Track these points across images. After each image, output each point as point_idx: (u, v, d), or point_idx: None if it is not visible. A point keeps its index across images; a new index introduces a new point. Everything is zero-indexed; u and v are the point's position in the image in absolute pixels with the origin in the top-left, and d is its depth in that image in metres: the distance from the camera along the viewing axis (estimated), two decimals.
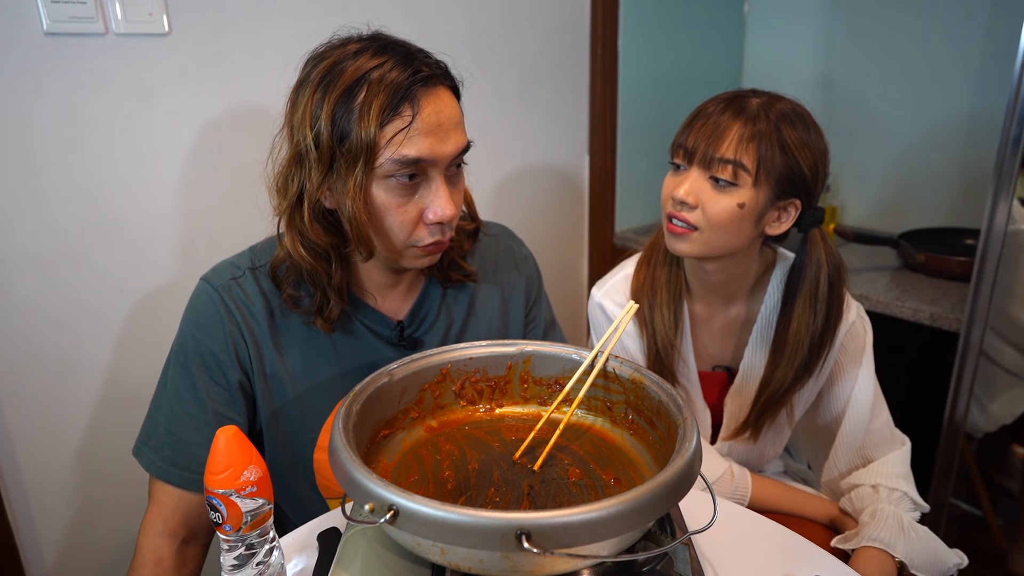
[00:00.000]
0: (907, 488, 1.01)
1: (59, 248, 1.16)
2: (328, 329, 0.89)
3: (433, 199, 0.81)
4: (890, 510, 0.97)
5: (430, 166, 0.80)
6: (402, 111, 0.77)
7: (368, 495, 0.55)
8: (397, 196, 0.80)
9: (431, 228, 0.83)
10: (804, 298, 1.00)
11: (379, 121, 0.76)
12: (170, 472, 0.86)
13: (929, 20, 1.83)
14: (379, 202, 0.80)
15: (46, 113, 1.10)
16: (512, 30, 1.67)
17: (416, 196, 0.81)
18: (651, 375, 0.73)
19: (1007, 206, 1.23)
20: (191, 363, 0.87)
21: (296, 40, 1.30)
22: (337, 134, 0.78)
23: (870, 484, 1.02)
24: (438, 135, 0.80)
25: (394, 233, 0.83)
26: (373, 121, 0.76)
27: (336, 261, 0.86)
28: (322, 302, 0.88)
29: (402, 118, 0.77)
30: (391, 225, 0.82)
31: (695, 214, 0.95)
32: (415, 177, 0.80)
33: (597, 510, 0.52)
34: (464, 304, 1.01)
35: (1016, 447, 1.58)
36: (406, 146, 0.77)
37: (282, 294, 0.89)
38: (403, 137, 0.77)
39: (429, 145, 0.79)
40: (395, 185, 0.80)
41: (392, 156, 0.77)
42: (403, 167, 0.78)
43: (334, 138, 0.78)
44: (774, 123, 0.91)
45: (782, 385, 1.03)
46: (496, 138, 1.72)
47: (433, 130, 0.79)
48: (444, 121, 0.80)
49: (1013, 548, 1.57)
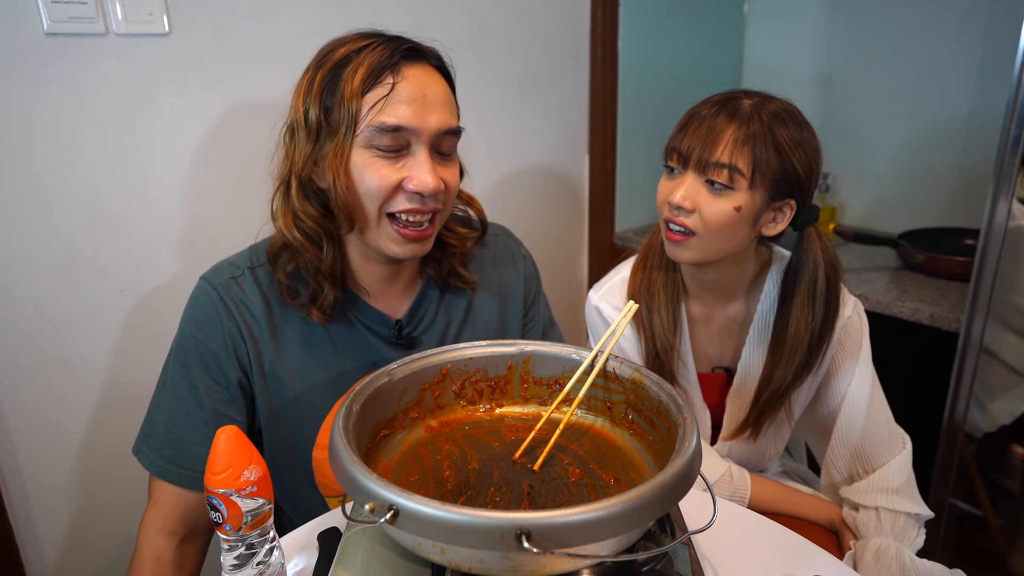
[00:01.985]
0: (909, 505, 0.99)
1: (59, 248, 1.16)
2: (323, 319, 0.89)
3: (414, 168, 0.82)
4: (893, 551, 0.95)
5: (413, 137, 0.81)
6: (383, 79, 0.80)
7: (368, 495, 0.55)
8: (377, 163, 0.81)
9: (408, 195, 0.83)
10: (802, 296, 1.00)
11: (361, 89, 0.79)
12: (169, 471, 0.86)
13: (928, 20, 1.83)
14: (358, 167, 0.81)
15: (46, 113, 1.10)
16: (512, 30, 1.67)
17: (398, 165, 0.82)
18: (651, 375, 0.73)
19: (1007, 206, 1.23)
20: (190, 362, 0.87)
21: (296, 40, 1.31)
22: (324, 106, 0.81)
23: (872, 506, 1.00)
24: (420, 106, 0.81)
25: (369, 198, 0.82)
26: (355, 90, 0.79)
27: (328, 244, 0.87)
28: (315, 290, 0.88)
29: (383, 86, 0.80)
30: (367, 190, 0.82)
31: (692, 218, 0.95)
32: (398, 150, 0.81)
33: (597, 510, 0.52)
34: (462, 304, 1.01)
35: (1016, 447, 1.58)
36: (386, 112, 0.79)
37: (278, 284, 0.89)
38: (383, 104, 0.79)
39: (411, 114, 0.80)
40: (376, 154, 0.81)
41: (371, 122, 0.79)
42: (383, 134, 0.80)
43: (321, 110, 0.81)
44: (767, 124, 0.91)
45: (782, 384, 1.03)
46: (496, 138, 1.72)
47: (415, 100, 0.80)
48: (428, 94, 0.82)
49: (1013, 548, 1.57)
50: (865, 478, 1.03)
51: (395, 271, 0.94)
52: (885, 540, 0.97)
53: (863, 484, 1.02)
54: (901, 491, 1.00)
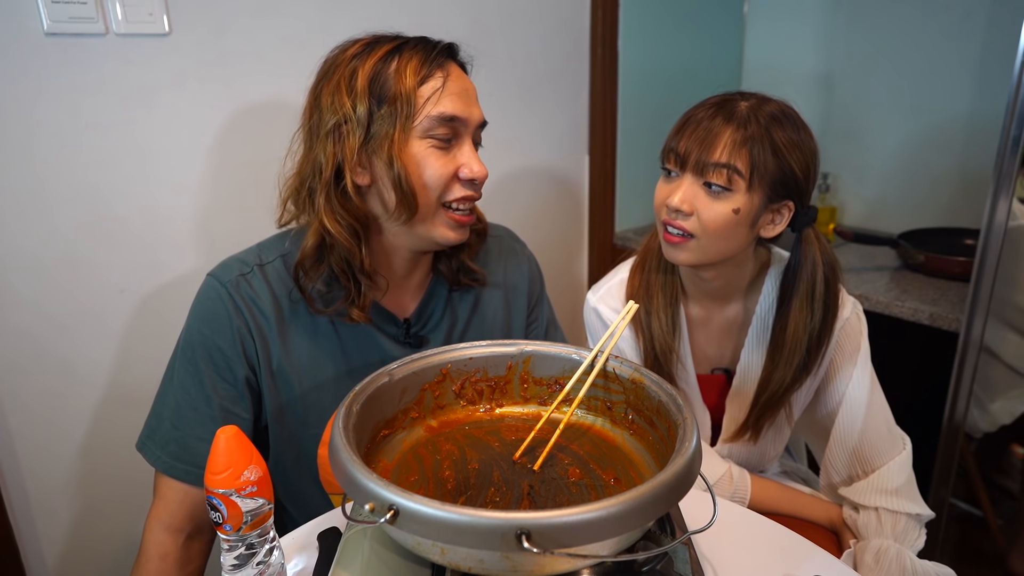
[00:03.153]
0: (909, 506, 0.99)
1: (59, 248, 1.16)
2: (365, 318, 0.90)
3: (466, 158, 0.86)
4: (894, 553, 0.95)
5: (462, 127, 0.86)
6: (435, 73, 0.84)
7: (368, 495, 0.55)
8: (435, 153, 0.85)
9: (464, 183, 0.87)
10: (801, 298, 1.00)
11: (417, 80, 0.82)
12: (175, 467, 0.86)
13: (928, 20, 1.83)
14: (419, 158, 0.84)
15: (46, 113, 1.10)
16: (512, 30, 1.67)
17: (450, 156, 0.86)
18: (651, 375, 0.73)
19: (1007, 206, 1.23)
20: (198, 358, 0.87)
21: (296, 40, 1.31)
22: (376, 98, 0.82)
23: (872, 507, 1.00)
24: (466, 99, 0.86)
25: (431, 188, 0.85)
26: (411, 80, 0.82)
27: (365, 242, 0.88)
28: (352, 290, 0.89)
29: (436, 79, 0.84)
30: (429, 179, 0.85)
31: (690, 221, 0.94)
32: (448, 139, 0.85)
33: (597, 510, 0.52)
34: (469, 304, 1.02)
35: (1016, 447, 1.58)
36: (443, 104, 0.83)
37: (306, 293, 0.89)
38: (439, 96, 0.83)
39: (462, 106, 0.85)
40: (432, 143, 0.84)
41: (430, 113, 0.83)
42: (440, 124, 0.83)
43: (372, 102, 0.82)
44: (764, 126, 0.91)
45: (781, 385, 1.03)
46: (496, 138, 1.71)
47: (461, 94, 0.85)
48: (469, 89, 0.88)
49: (1013, 548, 1.57)
50: (865, 479, 1.03)
51: (412, 268, 0.96)
52: (886, 541, 0.97)
53: (863, 484, 1.02)
54: (901, 491, 1.00)
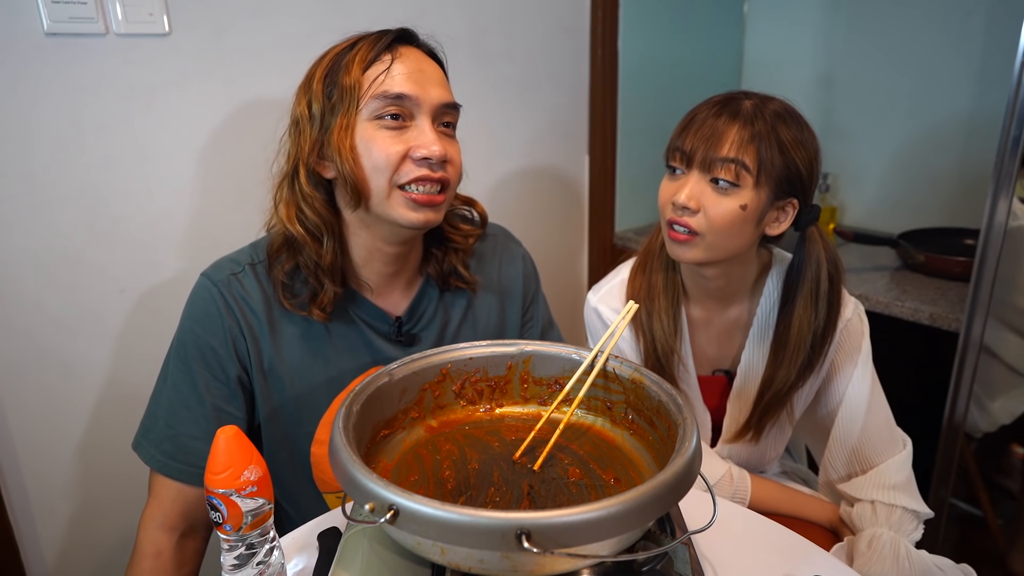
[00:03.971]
0: (906, 501, 0.99)
1: (59, 248, 1.16)
2: (324, 318, 0.89)
3: (419, 138, 0.84)
4: (887, 538, 0.95)
5: (415, 108, 0.84)
6: (382, 57, 0.83)
7: (368, 495, 0.55)
8: (383, 134, 0.83)
9: (417, 163, 0.84)
10: (805, 297, 1.00)
11: (362, 68, 0.82)
12: (169, 466, 0.86)
13: (928, 20, 1.83)
14: (365, 141, 0.83)
15: (46, 113, 1.10)
16: (512, 30, 1.67)
17: (404, 136, 0.84)
18: (651, 375, 0.73)
19: (1007, 206, 1.23)
20: (191, 357, 0.87)
21: (296, 40, 1.31)
22: (327, 92, 0.83)
23: (868, 500, 1.00)
24: (419, 79, 0.84)
25: (380, 169, 0.83)
26: (358, 69, 0.82)
27: (329, 239, 0.87)
28: (315, 288, 0.89)
29: (382, 62, 0.83)
30: (376, 160, 0.83)
31: (697, 218, 0.94)
32: (402, 119, 0.83)
33: (597, 510, 0.52)
34: (461, 303, 1.01)
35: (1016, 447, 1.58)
36: (387, 84, 0.82)
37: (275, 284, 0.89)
38: (384, 77, 0.83)
39: (412, 84, 0.83)
40: (382, 124, 0.83)
41: (373, 93, 0.82)
42: (386, 103, 0.82)
43: (324, 96, 0.83)
44: (770, 124, 0.91)
45: (784, 384, 1.03)
46: (496, 138, 1.72)
47: (414, 75, 0.84)
48: (426, 70, 0.86)
49: (1013, 548, 1.57)
50: (863, 475, 1.03)
51: (398, 268, 0.95)
52: (880, 529, 0.97)
53: (861, 480, 1.03)
54: (899, 487, 1.00)
